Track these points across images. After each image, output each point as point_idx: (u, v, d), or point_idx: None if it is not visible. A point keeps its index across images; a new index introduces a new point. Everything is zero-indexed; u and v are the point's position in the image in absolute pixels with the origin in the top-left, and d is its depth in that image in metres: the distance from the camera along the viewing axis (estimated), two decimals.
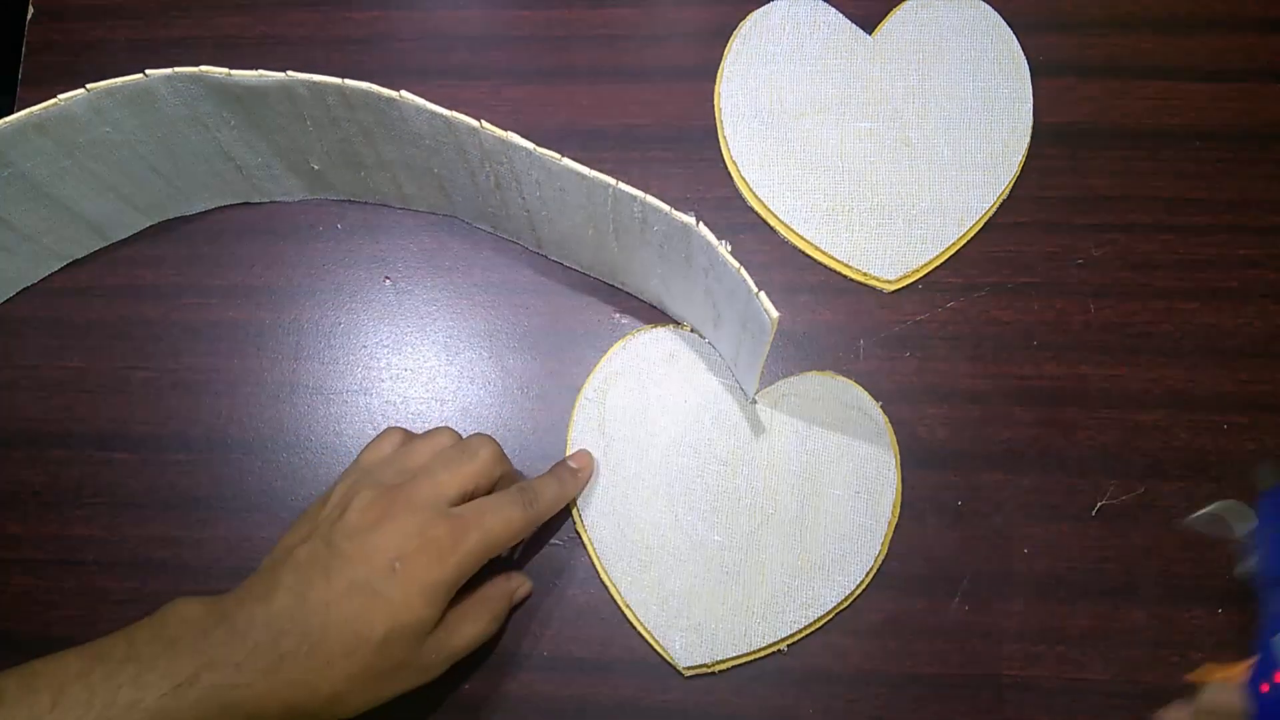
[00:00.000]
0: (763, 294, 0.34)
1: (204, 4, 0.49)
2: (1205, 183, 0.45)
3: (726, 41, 0.48)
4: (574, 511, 0.42)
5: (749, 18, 0.48)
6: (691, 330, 0.44)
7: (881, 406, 0.43)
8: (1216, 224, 0.45)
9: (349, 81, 0.36)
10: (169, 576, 0.42)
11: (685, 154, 0.46)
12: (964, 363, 0.44)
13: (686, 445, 0.42)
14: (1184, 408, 0.43)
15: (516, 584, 0.40)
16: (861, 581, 0.41)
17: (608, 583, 0.41)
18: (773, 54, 0.47)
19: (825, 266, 0.45)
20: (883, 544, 0.41)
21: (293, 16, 0.49)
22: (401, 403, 0.44)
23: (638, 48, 0.48)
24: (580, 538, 0.42)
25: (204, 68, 0.38)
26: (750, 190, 0.46)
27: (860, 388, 0.43)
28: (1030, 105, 0.46)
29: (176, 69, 0.38)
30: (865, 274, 0.45)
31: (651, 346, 0.44)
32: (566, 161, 0.35)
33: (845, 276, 0.45)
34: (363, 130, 0.39)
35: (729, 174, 0.46)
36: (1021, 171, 0.46)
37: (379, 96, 0.36)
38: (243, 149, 0.43)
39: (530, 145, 0.35)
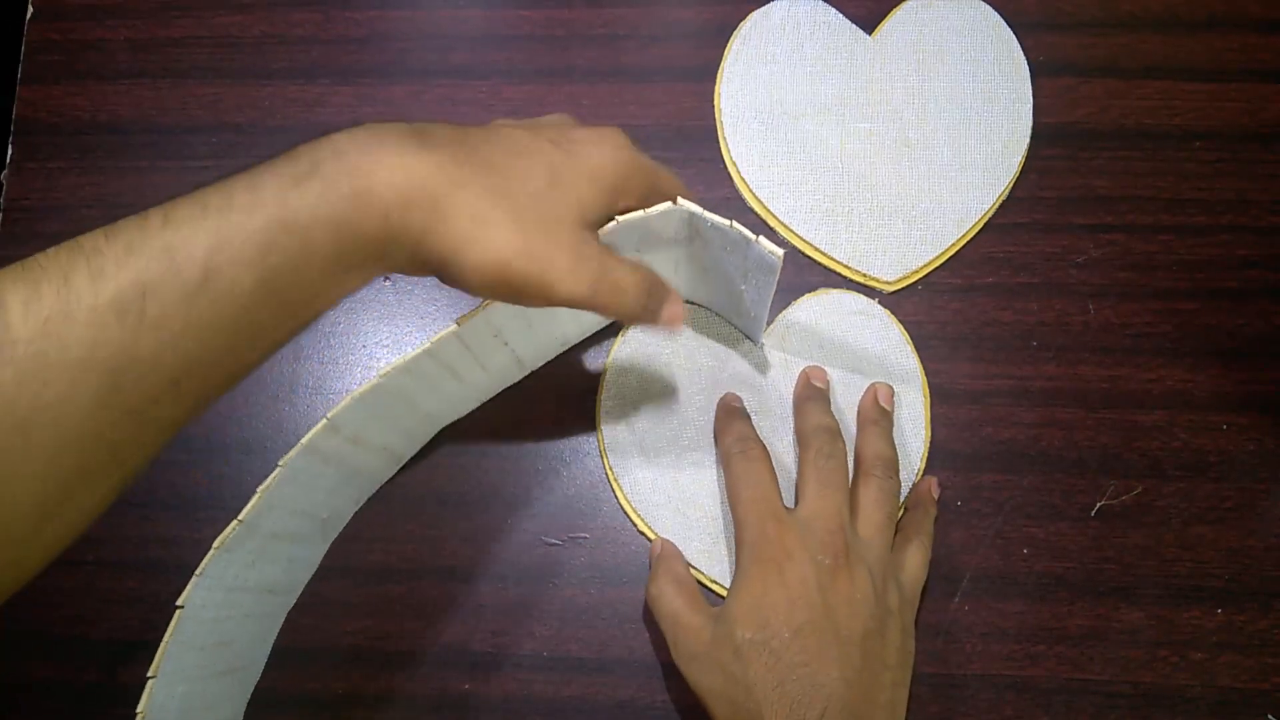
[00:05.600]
0: (762, 238, 0.34)
1: (204, 4, 0.49)
2: (1205, 183, 0.45)
3: (726, 41, 0.48)
4: (604, 460, 0.43)
5: (749, 18, 0.48)
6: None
7: (879, 301, 0.44)
8: (1216, 224, 0.45)
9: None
10: (169, 576, 0.42)
11: (685, 154, 0.46)
12: (964, 363, 0.44)
13: (711, 405, 0.43)
14: (1184, 408, 0.43)
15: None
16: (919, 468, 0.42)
17: (629, 513, 0.42)
18: (773, 54, 0.47)
19: (825, 267, 0.45)
20: (925, 427, 0.43)
21: (293, 16, 0.49)
22: None
23: (638, 48, 0.48)
24: (610, 484, 0.43)
25: None
26: (750, 190, 0.46)
27: (855, 292, 0.44)
28: (1030, 105, 0.46)
29: None
30: (865, 274, 0.45)
31: (648, 332, 0.44)
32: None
33: (845, 277, 0.45)
34: None
35: (729, 174, 0.46)
36: (1021, 171, 0.46)
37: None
38: None
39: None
